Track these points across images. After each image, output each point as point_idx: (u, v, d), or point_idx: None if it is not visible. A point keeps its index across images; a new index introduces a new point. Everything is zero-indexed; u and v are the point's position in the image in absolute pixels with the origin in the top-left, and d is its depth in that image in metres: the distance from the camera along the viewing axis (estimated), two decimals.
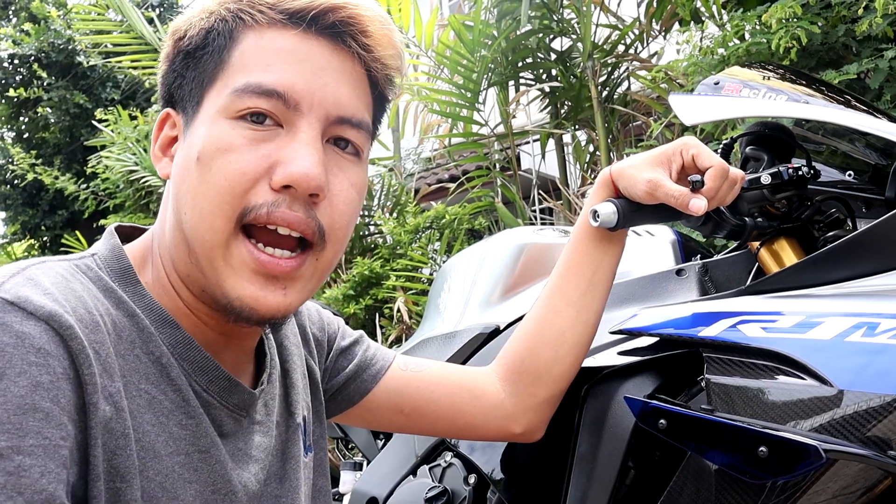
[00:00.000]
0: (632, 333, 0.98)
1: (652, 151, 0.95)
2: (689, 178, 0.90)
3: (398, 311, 3.14)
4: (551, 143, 3.75)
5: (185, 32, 0.73)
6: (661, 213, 0.94)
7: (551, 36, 3.50)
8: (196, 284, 0.72)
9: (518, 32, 3.40)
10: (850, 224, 1.08)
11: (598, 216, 0.92)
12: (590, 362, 1.01)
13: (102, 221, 5.78)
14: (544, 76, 3.63)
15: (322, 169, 0.69)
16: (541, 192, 3.69)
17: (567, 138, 3.72)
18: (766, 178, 0.98)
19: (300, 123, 0.69)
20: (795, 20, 2.18)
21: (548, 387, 0.98)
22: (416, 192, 4.37)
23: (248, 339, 0.80)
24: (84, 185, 6.55)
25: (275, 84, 0.69)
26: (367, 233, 3.88)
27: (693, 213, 0.89)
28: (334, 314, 1.03)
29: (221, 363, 0.75)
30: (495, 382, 1.00)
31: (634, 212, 0.93)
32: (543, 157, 3.81)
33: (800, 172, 0.99)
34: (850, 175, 1.14)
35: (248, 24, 0.71)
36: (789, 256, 1.03)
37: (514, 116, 3.78)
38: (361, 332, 1.03)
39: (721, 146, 1.12)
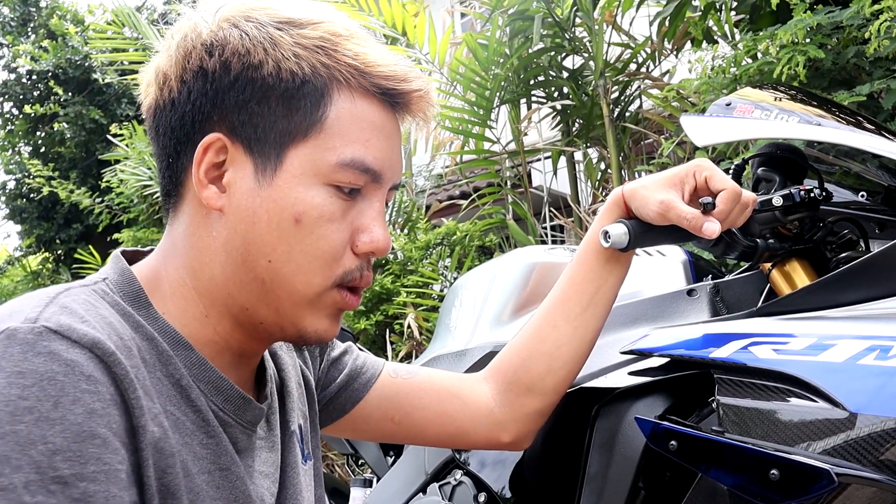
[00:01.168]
0: (643, 354, 0.98)
1: (665, 173, 0.96)
2: (700, 201, 0.90)
3: (408, 327, 3.14)
4: (563, 160, 3.75)
5: (258, 61, 0.71)
6: (673, 234, 0.94)
7: (563, 54, 3.51)
8: (253, 318, 0.75)
9: (530, 51, 3.41)
10: (863, 245, 1.08)
11: (610, 237, 0.92)
12: (600, 382, 1.01)
13: (116, 235, 5.81)
14: (556, 94, 3.64)
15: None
16: (552, 209, 3.69)
17: (578, 156, 3.72)
18: (777, 201, 0.98)
19: (377, 194, 0.76)
20: (805, 43, 2.18)
21: (538, 399, 0.99)
22: (428, 208, 4.38)
23: (258, 356, 0.82)
24: (99, 199, 6.59)
25: (374, 163, 0.73)
26: None
27: (706, 236, 0.89)
28: (345, 330, 1.04)
29: (231, 380, 0.76)
30: (486, 391, 1.01)
31: (645, 233, 0.94)
32: (555, 174, 3.81)
33: (812, 194, 0.99)
34: (862, 196, 1.14)
35: (342, 84, 0.73)
36: (801, 278, 1.02)
37: (525, 134, 3.79)
38: (349, 342, 1.05)
39: (733, 167, 1.12)
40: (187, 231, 0.75)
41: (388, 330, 3.35)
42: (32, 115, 8.69)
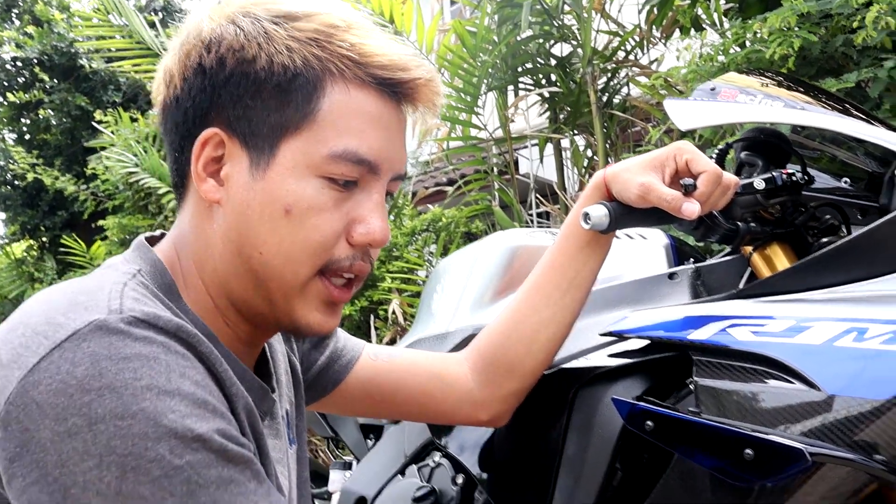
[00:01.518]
0: (622, 336, 0.98)
1: (646, 155, 0.95)
2: (681, 182, 0.90)
3: (393, 312, 3.14)
4: (549, 148, 3.75)
5: (252, 56, 0.71)
6: (653, 216, 0.94)
7: (551, 42, 3.50)
8: (252, 309, 0.76)
9: (518, 38, 3.40)
10: (845, 231, 1.07)
11: (590, 219, 0.92)
12: (579, 364, 1.01)
13: (101, 222, 5.76)
14: (544, 81, 3.63)
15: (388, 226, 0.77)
16: (538, 196, 3.69)
17: (565, 143, 3.72)
18: (759, 184, 0.97)
19: (375, 185, 0.75)
20: (796, 29, 2.18)
21: (517, 380, 1.01)
22: (414, 195, 4.38)
23: (262, 345, 0.84)
24: (84, 186, 6.53)
25: (368, 154, 0.73)
26: None
27: (686, 217, 0.88)
28: None
29: None
30: (465, 371, 1.03)
31: (626, 215, 0.93)
32: (541, 161, 3.81)
33: (794, 178, 0.99)
34: (845, 182, 1.14)
35: (335, 75, 0.72)
36: (782, 261, 1.02)
37: (512, 121, 3.78)
38: None
39: (716, 151, 1.11)
40: (192, 223, 0.76)
41: (372, 315, 3.35)
42: (17, 102, 8.59)
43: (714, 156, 1.10)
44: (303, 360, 0.98)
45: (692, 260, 1.14)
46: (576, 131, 3.54)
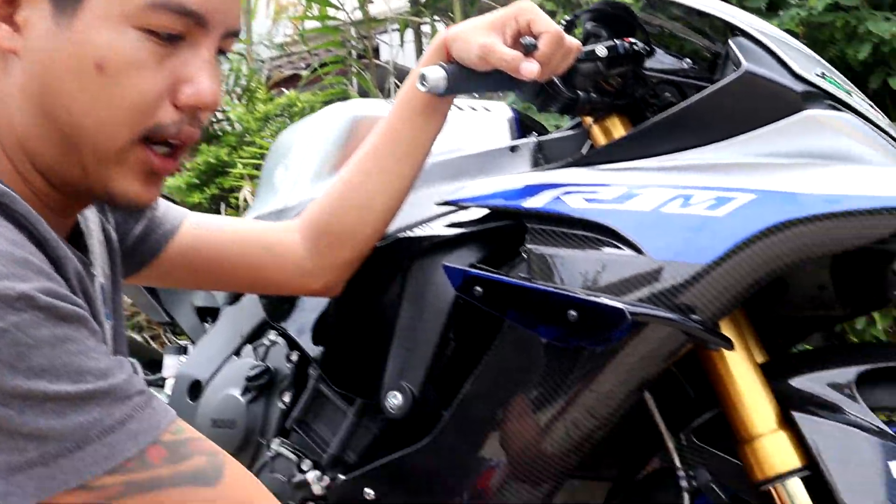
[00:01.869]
0: (459, 205, 0.97)
1: (487, 16, 0.92)
2: (521, 41, 0.87)
3: (244, 199, 3.04)
4: (410, 34, 3.65)
5: None
6: (493, 80, 0.91)
7: None
8: (60, 175, 0.68)
9: None
10: None
11: (427, 80, 0.87)
12: (415, 234, 0.99)
13: None
14: None
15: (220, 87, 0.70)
16: (397, 82, 3.60)
17: (426, 29, 3.63)
18: (601, 51, 0.96)
19: (204, 41, 0.67)
20: None
21: (349, 249, 0.98)
22: (269, 78, 4.18)
23: (75, 215, 0.76)
24: None
25: (193, 5, 0.64)
26: (214, 119, 3.66)
27: (525, 77, 0.86)
28: (175, 204, 1.00)
29: None
30: (296, 239, 0.99)
31: (464, 78, 0.90)
32: (402, 47, 3.71)
33: (636, 48, 0.99)
34: (687, 62, 1.15)
35: None
36: (620, 133, 1.03)
37: (371, 2, 3.63)
38: None
39: (563, 22, 1.09)
40: None
41: (223, 203, 3.23)
42: None
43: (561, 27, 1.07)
44: (118, 230, 0.90)
45: (535, 133, 1.13)
46: (436, 16, 3.44)
